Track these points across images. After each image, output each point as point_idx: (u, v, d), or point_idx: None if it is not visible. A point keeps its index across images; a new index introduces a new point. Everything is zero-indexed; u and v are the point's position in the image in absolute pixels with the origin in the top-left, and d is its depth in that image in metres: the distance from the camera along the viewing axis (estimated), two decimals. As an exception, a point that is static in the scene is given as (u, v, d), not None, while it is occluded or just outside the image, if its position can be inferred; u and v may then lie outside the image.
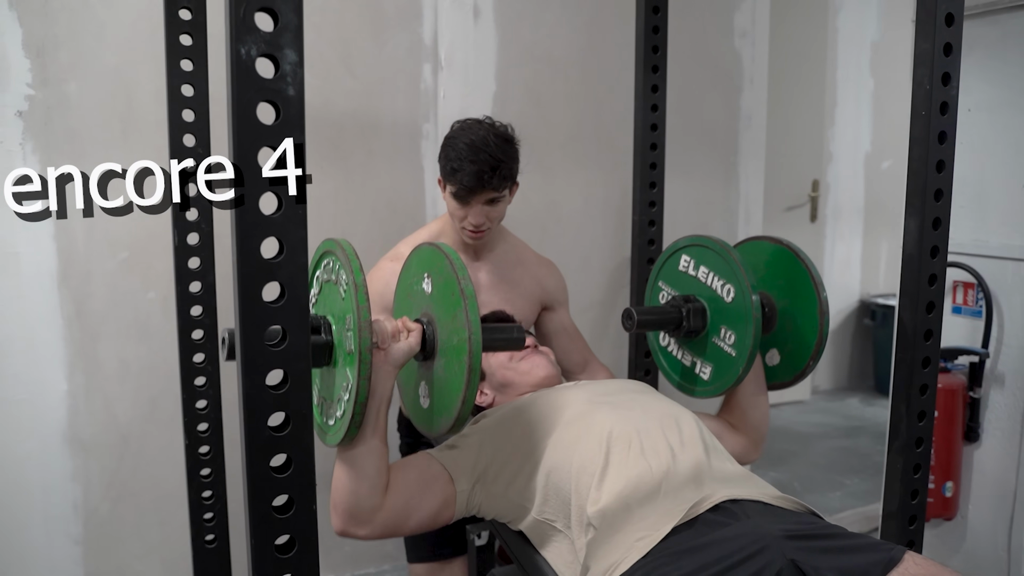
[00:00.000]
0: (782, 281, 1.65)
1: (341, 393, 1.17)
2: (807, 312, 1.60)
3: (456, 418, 1.26)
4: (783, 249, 1.66)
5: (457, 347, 1.22)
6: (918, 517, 1.39)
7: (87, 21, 1.98)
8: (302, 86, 0.80)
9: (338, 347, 1.16)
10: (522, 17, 2.52)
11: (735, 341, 1.57)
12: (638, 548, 1.15)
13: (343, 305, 1.14)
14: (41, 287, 2.00)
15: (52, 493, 2.06)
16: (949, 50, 1.27)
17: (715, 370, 1.63)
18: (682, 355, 1.72)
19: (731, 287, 1.57)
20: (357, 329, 1.09)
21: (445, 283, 1.25)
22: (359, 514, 1.25)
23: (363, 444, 1.22)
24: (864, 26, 4.41)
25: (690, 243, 1.68)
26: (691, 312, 1.63)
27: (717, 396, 1.66)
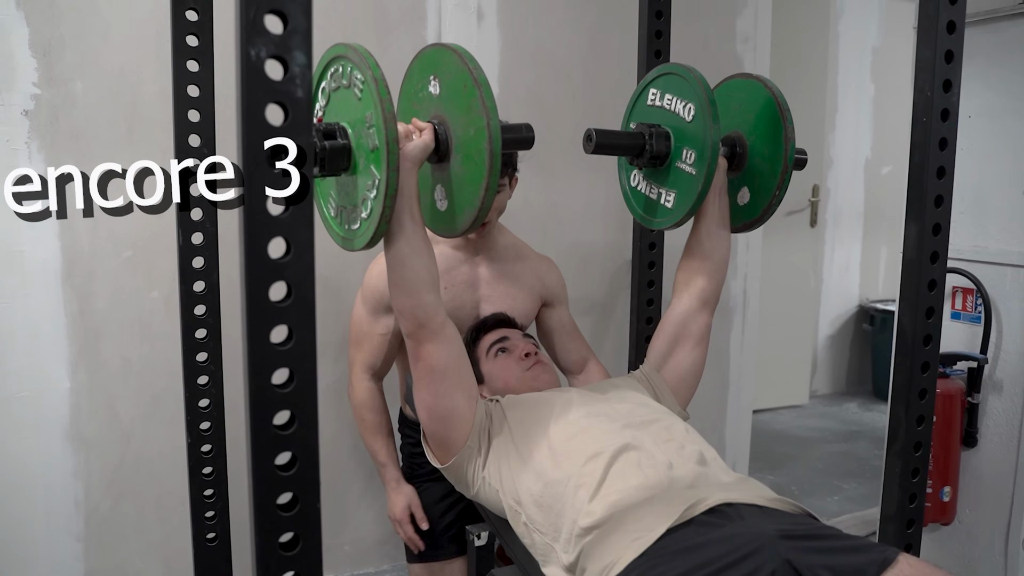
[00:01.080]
0: (755, 117, 1.61)
1: (366, 192, 1.18)
2: (776, 143, 1.56)
3: (480, 207, 1.27)
4: (758, 84, 1.61)
5: (475, 137, 1.22)
6: (916, 521, 1.40)
7: (93, 21, 1.99)
8: (310, 88, 0.81)
9: (357, 149, 1.17)
10: (525, 20, 2.53)
11: (695, 159, 1.52)
12: (634, 548, 1.15)
13: (360, 105, 1.14)
14: (45, 285, 2.01)
15: (54, 490, 2.07)
16: (950, 57, 1.28)
17: (678, 195, 1.58)
18: (649, 190, 1.66)
19: (691, 105, 1.52)
20: (382, 121, 1.10)
21: (455, 79, 1.24)
22: (423, 310, 1.31)
23: (407, 243, 1.26)
24: (865, 32, 4.42)
25: (656, 74, 1.63)
26: (654, 135, 1.57)
27: (681, 223, 1.60)
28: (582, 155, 2.66)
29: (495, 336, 1.65)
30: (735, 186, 1.66)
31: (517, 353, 1.61)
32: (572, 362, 1.95)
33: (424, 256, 1.29)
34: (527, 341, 1.67)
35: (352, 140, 1.19)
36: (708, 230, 1.61)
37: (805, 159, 1.65)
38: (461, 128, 1.26)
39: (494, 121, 1.20)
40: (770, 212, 1.64)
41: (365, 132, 1.15)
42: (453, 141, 1.28)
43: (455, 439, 1.40)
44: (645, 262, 2.02)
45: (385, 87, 1.11)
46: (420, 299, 1.30)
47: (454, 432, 1.39)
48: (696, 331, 1.62)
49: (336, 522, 2.43)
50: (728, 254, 1.65)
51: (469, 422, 1.40)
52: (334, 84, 1.22)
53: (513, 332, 1.67)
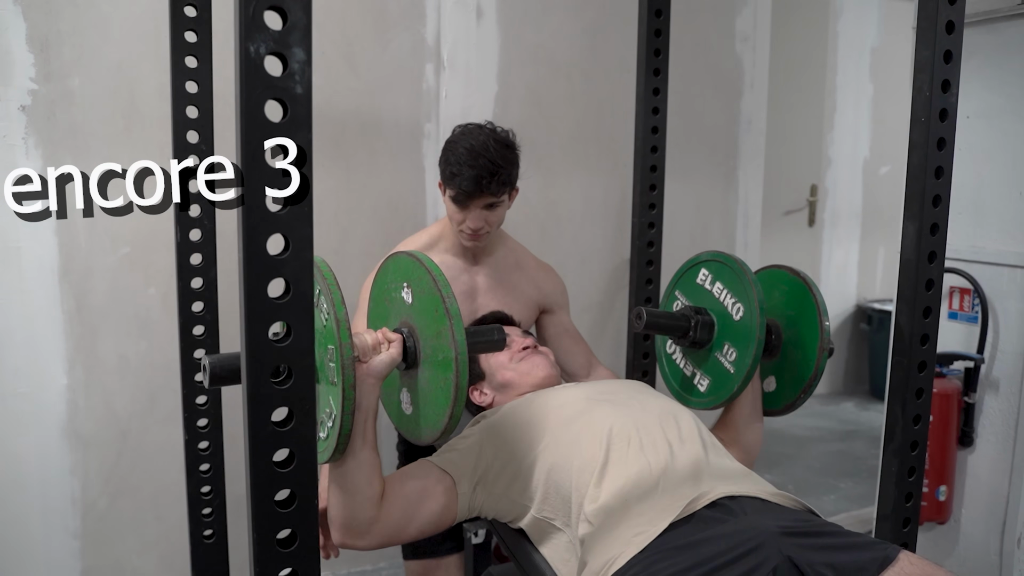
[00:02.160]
0: (793, 312, 1.67)
1: (323, 416, 1.16)
2: (809, 346, 1.62)
3: (443, 431, 1.26)
4: (798, 281, 1.68)
5: (443, 363, 1.21)
6: (912, 520, 1.40)
7: (91, 16, 1.99)
8: (310, 84, 0.81)
9: (320, 370, 1.15)
10: (525, 18, 2.53)
11: (736, 359, 1.59)
12: (635, 543, 1.16)
13: (324, 333, 1.12)
14: (42, 282, 2.00)
15: (51, 487, 2.07)
16: (949, 57, 1.28)
17: (712, 383, 1.65)
18: (684, 364, 1.74)
19: (741, 306, 1.59)
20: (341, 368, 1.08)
21: (428, 298, 1.24)
22: (355, 527, 1.25)
23: (352, 458, 1.21)
24: (864, 32, 4.43)
25: (710, 258, 1.70)
26: (700, 324, 1.65)
27: (710, 409, 1.67)
28: (581, 154, 2.68)
29: None
30: (764, 372, 1.70)
31: (515, 348, 1.62)
32: (578, 365, 1.94)
33: (367, 472, 1.23)
34: (526, 337, 1.67)
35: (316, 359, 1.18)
36: (741, 414, 1.65)
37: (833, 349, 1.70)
38: (430, 348, 1.25)
39: (462, 356, 1.18)
40: (794, 408, 1.68)
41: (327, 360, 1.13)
42: (421, 354, 1.27)
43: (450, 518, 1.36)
44: (643, 261, 2.02)
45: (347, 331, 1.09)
46: (355, 515, 1.24)
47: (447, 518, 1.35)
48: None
49: (333, 520, 2.43)
50: (760, 439, 1.68)
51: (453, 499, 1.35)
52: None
53: (512, 329, 1.68)
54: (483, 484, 1.37)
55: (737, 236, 3.04)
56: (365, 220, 2.38)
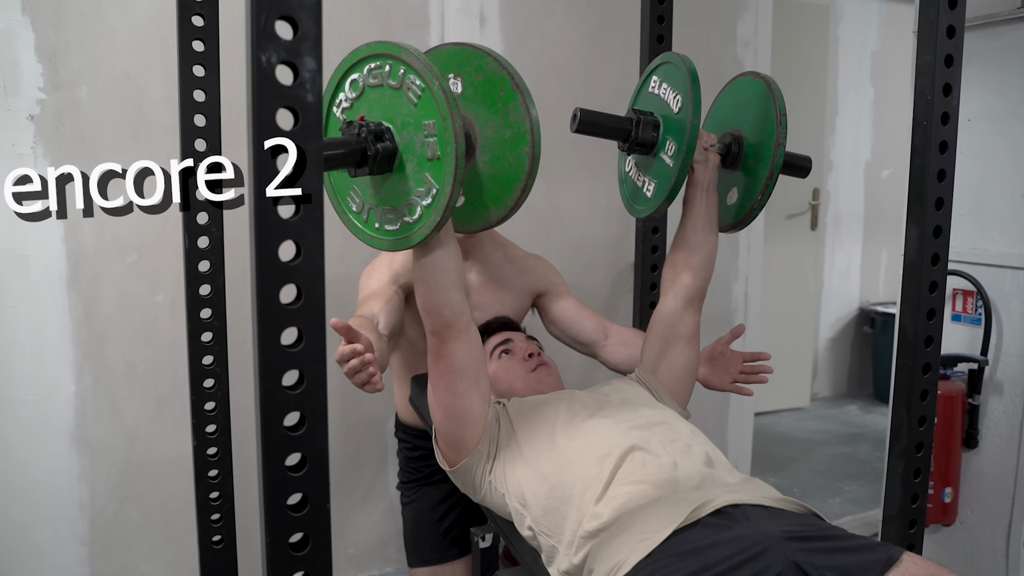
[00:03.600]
0: (754, 118, 1.58)
1: (415, 198, 1.20)
2: (766, 146, 1.54)
3: (513, 206, 1.31)
4: (761, 83, 1.59)
5: (513, 139, 1.25)
6: (918, 521, 1.41)
7: (99, 26, 2.00)
8: (320, 92, 0.82)
9: (405, 152, 1.19)
10: (528, 25, 2.54)
11: (674, 151, 1.48)
12: (640, 549, 1.16)
13: (415, 111, 1.16)
14: (50, 289, 2.02)
15: (59, 494, 2.08)
16: (950, 61, 1.29)
17: (657, 186, 1.56)
18: (637, 177, 1.64)
19: (680, 96, 1.49)
20: (452, 135, 1.12)
21: (487, 81, 1.26)
22: (451, 309, 1.33)
23: (439, 245, 1.29)
24: (865, 36, 4.44)
25: (660, 62, 1.60)
26: (641, 123, 1.52)
27: (655, 213, 1.58)
28: (585, 159, 2.69)
29: (499, 339, 1.66)
30: (727, 185, 1.64)
31: (520, 355, 1.62)
32: (591, 329, 1.87)
33: (455, 256, 1.31)
34: (531, 343, 1.68)
35: (398, 143, 1.20)
36: (694, 225, 1.58)
37: (807, 167, 1.63)
38: (492, 129, 1.28)
39: (537, 126, 1.23)
40: (752, 216, 1.60)
41: (420, 138, 1.16)
42: (478, 140, 1.29)
43: (468, 440, 1.40)
44: (647, 265, 2.03)
45: (455, 101, 1.13)
46: (448, 297, 1.32)
47: (468, 433, 1.40)
48: (685, 331, 1.60)
49: (340, 525, 2.44)
50: (714, 251, 1.62)
51: (483, 424, 1.41)
52: (374, 80, 1.21)
53: (516, 334, 1.68)
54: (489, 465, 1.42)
55: (740, 240, 3.04)
56: (370, 226, 2.39)
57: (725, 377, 1.79)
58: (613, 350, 1.84)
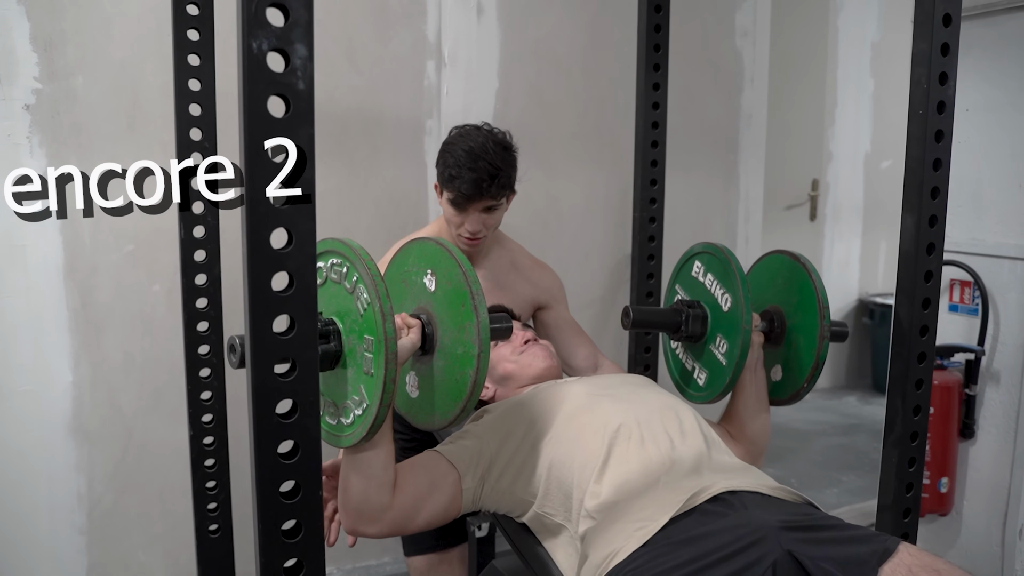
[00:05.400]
0: (795, 299, 1.64)
1: (350, 403, 1.17)
2: (811, 332, 1.59)
3: (452, 421, 1.27)
4: (797, 266, 1.65)
5: (463, 357, 1.22)
6: (912, 510, 1.41)
7: (94, 16, 2.00)
8: (312, 80, 0.81)
9: (348, 355, 1.16)
10: (525, 15, 2.54)
11: (727, 350, 1.58)
12: (637, 537, 1.16)
13: (360, 322, 1.12)
14: (47, 279, 2.01)
15: (56, 483, 2.08)
16: (946, 50, 1.29)
17: (709, 376, 1.65)
18: (685, 358, 1.73)
19: (729, 296, 1.57)
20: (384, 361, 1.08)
21: (454, 290, 1.24)
22: (369, 513, 1.26)
23: (371, 445, 1.22)
24: (864, 26, 4.42)
25: (702, 250, 1.68)
26: (691, 317, 1.63)
27: (710, 402, 1.66)
28: (582, 150, 2.69)
29: None
30: (770, 361, 1.68)
31: (517, 341, 1.63)
32: (582, 357, 1.90)
33: (384, 456, 1.25)
34: (526, 331, 1.68)
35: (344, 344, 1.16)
36: (745, 405, 1.62)
37: (847, 333, 1.66)
38: (449, 339, 1.25)
39: (485, 354, 1.19)
40: (799, 397, 1.66)
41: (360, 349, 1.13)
42: (438, 343, 1.27)
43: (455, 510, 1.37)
44: (645, 255, 2.03)
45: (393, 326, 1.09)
46: (368, 498, 1.25)
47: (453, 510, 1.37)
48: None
49: (337, 515, 2.44)
50: (768, 427, 1.66)
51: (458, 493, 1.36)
52: (334, 275, 1.19)
53: (514, 323, 1.69)
54: (487, 479, 1.38)
55: (738, 231, 3.04)
56: (367, 217, 2.39)
57: None
58: None
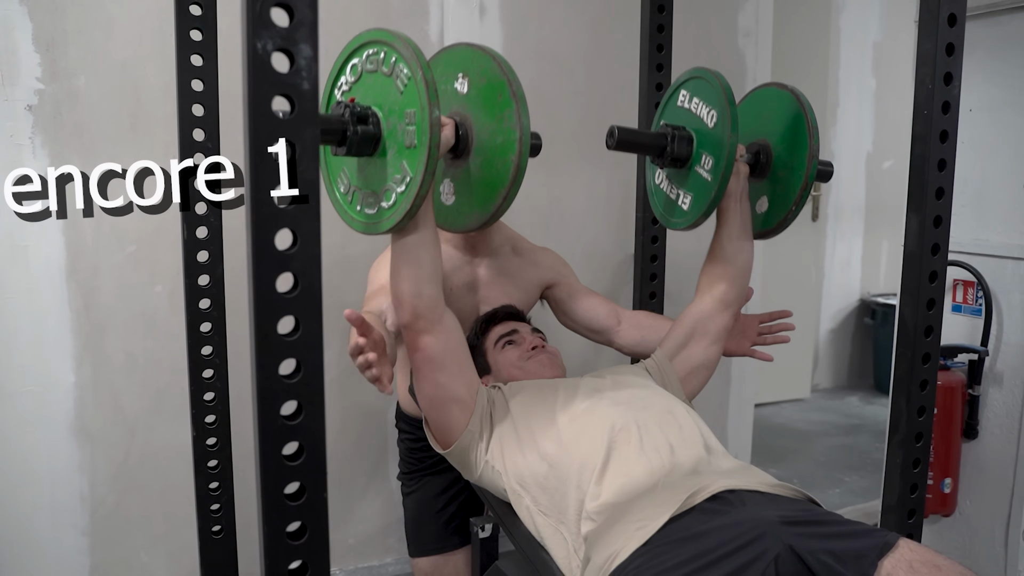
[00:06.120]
0: (783, 128, 1.62)
1: (392, 184, 1.21)
2: (799, 158, 1.57)
3: (495, 212, 1.32)
4: (788, 95, 1.61)
5: (503, 146, 1.25)
6: (917, 511, 1.41)
7: (97, 16, 2.00)
8: (316, 80, 0.81)
9: (388, 138, 1.20)
10: (528, 15, 2.53)
11: (712, 165, 1.54)
12: (637, 537, 1.17)
13: (400, 99, 1.17)
14: (49, 280, 2.01)
15: (59, 484, 2.08)
16: (951, 50, 1.28)
17: (694, 199, 1.60)
18: (670, 189, 1.68)
19: (714, 111, 1.53)
20: (427, 126, 1.13)
21: (489, 84, 1.27)
22: (424, 308, 1.32)
23: (416, 232, 1.27)
24: (866, 26, 4.42)
25: (688, 77, 1.64)
26: (676, 138, 1.58)
27: (694, 226, 1.62)
28: (585, 150, 2.68)
29: (504, 328, 1.66)
30: (756, 193, 1.67)
31: (525, 346, 1.62)
32: (604, 316, 1.87)
33: (431, 248, 1.30)
34: (536, 335, 1.68)
35: (383, 128, 1.21)
36: (729, 235, 1.62)
37: (831, 171, 1.65)
38: (487, 133, 1.28)
39: (526, 136, 1.23)
40: (785, 224, 1.65)
41: (402, 126, 1.18)
42: (474, 142, 1.30)
43: (455, 425, 1.41)
44: (647, 255, 2.03)
45: (435, 92, 1.14)
46: (420, 290, 1.31)
47: (454, 419, 1.41)
48: (714, 329, 1.64)
49: (340, 515, 2.44)
50: (751, 260, 1.66)
51: (469, 409, 1.41)
52: (370, 66, 1.23)
53: (522, 325, 1.68)
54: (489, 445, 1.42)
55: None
56: (369, 217, 2.39)
57: (743, 342, 1.78)
58: (627, 334, 1.84)
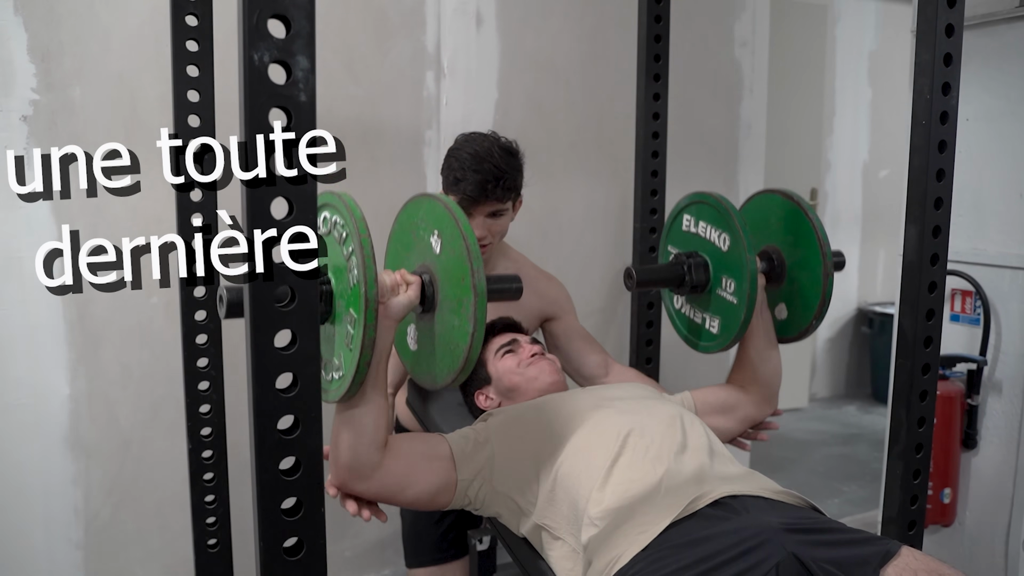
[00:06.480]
0: (791, 236, 1.64)
1: (334, 361, 1.17)
2: (813, 268, 1.60)
3: (446, 386, 1.29)
4: (792, 205, 1.64)
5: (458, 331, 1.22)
6: (917, 522, 1.40)
7: (92, 27, 1.99)
8: (313, 92, 0.81)
9: (336, 316, 1.16)
10: (525, 25, 2.53)
11: (735, 288, 1.57)
12: (639, 541, 1.16)
13: (348, 292, 1.13)
14: (44, 292, 1.98)
15: (53, 497, 2.06)
16: (949, 60, 1.28)
17: (722, 322, 1.63)
18: (692, 313, 1.72)
19: (727, 236, 1.57)
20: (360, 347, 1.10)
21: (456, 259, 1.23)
22: (358, 469, 1.26)
23: (363, 400, 1.23)
24: (862, 36, 4.44)
25: (689, 202, 1.67)
26: (692, 266, 1.62)
27: (726, 348, 1.66)
28: (582, 160, 2.68)
29: (504, 339, 1.65)
30: (773, 300, 1.69)
31: (524, 355, 1.62)
32: (595, 364, 1.87)
33: (376, 414, 1.25)
34: (535, 345, 1.67)
35: (335, 290, 1.17)
36: (757, 347, 1.64)
37: (843, 262, 1.67)
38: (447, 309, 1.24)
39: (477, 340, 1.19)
40: (807, 333, 1.66)
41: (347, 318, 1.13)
42: (438, 306, 1.26)
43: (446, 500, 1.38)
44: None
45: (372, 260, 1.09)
46: (359, 457, 1.25)
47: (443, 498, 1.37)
48: (741, 415, 1.67)
49: (337, 527, 2.43)
50: (780, 366, 1.68)
51: (452, 478, 1.36)
52: (325, 229, 1.20)
53: (522, 336, 1.68)
54: (485, 479, 1.38)
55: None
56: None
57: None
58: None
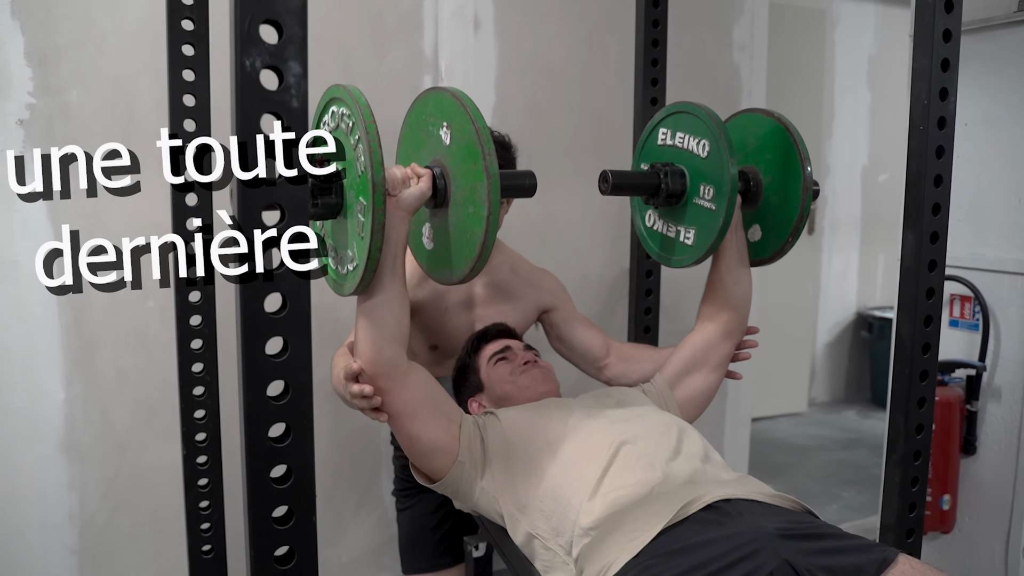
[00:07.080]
0: (771, 156, 1.60)
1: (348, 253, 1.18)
2: (792, 188, 1.56)
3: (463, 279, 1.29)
4: (775, 123, 1.60)
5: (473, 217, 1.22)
6: (916, 530, 1.39)
7: (89, 31, 1.99)
8: (306, 98, 0.80)
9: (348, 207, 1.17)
10: (522, 29, 2.53)
11: (714, 194, 1.52)
12: (630, 548, 1.15)
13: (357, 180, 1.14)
14: (40, 296, 1.99)
15: (48, 502, 2.06)
16: (947, 65, 1.28)
17: (697, 232, 1.58)
18: (666, 229, 1.67)
19: (705, 141, 1.52)
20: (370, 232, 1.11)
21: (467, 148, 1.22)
22: (382, 364, 1.28)
23: (381, 292, 1.24)
24: (861, 40, 4.44)
25: (665, 114, 1.63)
26: (669, 173, 1.57)
27: (701, 260, 1.60)
28: (579, 164, 2.68)
29: (497, 346, 1.64)
30: (747, 221, 1.66)
31: (517, 362, 1.61)
32: (596, 347, 1.85)
33: (395, 308, 1.26)
34: (528, 352, 1.67)
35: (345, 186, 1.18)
36: (728, 266, 1.62)
37: (818, 191, 1.64)
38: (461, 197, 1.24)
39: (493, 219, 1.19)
40: (782, 253, 1.64)
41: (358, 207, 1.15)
42: (451, 197, 1.27)
43: (441, 465, 1.39)
44: (643, 271, 2.02)
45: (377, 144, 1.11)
46: (380, 350, 1.27)
47: (439, 461, 1.38)
48: (715, 358, 1.64)
49: (333, 533, 2.42)
50: (750, 289, 1.66)
51: (454, 447, 1.38)
52: (333, 124, 1.21)
53: (515, 343, 1.67)
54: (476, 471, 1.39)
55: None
56: (364, 232, 2.38)
57: None
58: (613, 366, 1.82)
